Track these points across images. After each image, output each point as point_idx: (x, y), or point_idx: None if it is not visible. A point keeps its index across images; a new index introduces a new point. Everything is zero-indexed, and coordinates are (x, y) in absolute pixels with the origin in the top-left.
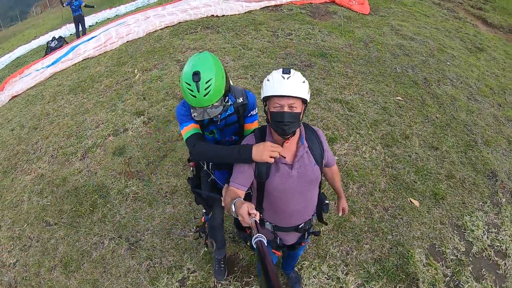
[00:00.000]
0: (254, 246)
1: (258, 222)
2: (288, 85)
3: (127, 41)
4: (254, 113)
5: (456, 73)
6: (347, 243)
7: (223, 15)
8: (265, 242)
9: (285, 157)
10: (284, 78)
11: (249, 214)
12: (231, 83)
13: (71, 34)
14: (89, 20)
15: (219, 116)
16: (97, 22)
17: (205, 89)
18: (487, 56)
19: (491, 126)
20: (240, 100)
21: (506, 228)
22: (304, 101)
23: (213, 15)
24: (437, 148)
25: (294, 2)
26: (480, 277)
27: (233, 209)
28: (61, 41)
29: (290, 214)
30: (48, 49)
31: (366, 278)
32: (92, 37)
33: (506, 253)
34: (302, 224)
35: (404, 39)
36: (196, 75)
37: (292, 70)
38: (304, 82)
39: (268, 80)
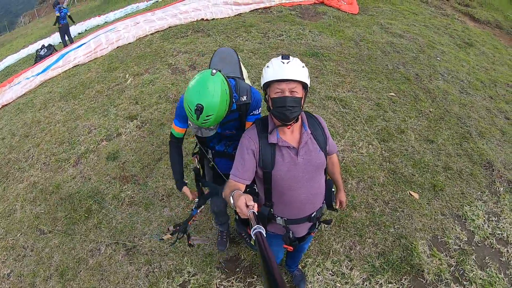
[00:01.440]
0: (253, 238)
1: (256, 213)
2: (288, 69)
3: (117, 47)
4: (257, 112)
5: (447, 68)
6: (349, 238)
7: (213, 19)
8: (264, 233)
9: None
10: (283, 63)
11: (247, 206)
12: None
13: (60, 42)
14: (78, 28)
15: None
16: (86, 30)
17: (204, 119)
18: (476, 51)
19: (484, 118)
20: (244, 98)
21: (506, 216)
22: (304, 86)
23: (203, 19)
24: (432, 141)
25: (283, 4)
26: (484, 265)
27: (232, 202)
28: (51, 49)
29: (301, 204)
30: (38, 57)
31: (371, 272)
32: (82, 44)
33: (508, 240)
34: (314, 213)
35: (394, 37)
36: (198, 110)
37: (291, 56)
38: (303, 67)
39: (267, 67)
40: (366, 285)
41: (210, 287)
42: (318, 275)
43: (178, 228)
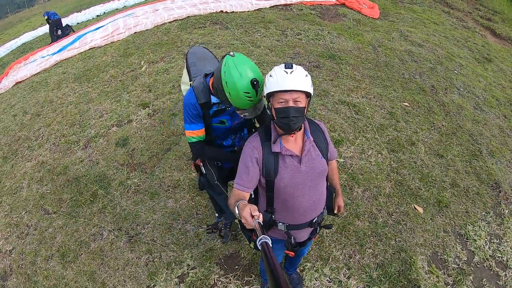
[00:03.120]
0: (260, 248)
1: (262, 223)
2: (291, 80)
3: (135, 32)
4: None
5: (464, 82)
6: (350, 246)
7: (232, 12)
8: (270, 243)
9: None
10: (287, 73)
11: (252, 216)
12: None
13: (78, 23)
14: (97, 10)
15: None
16: (104, 12)
17: (260, 92)
18: (494, 67)
19: (496, 137)
20: None
21: (508, 240)
22: (308, 95)
23: (222, 11)
24: (442, 156)
25: (304, 3)
26: (480, 287)
27: (237, 212)
28: (68, 30)
29: (304, 210)
30: (55, 37)
31: (368, 283)
32: (100, 27)
33: (507, 264)
34: (316, 218)
35: (412, 46)
36: (256, 82)
37: (294, 65)
38: (306, 75)
39: (270, 76)
40: None
41: (208, 282)
42: (316, 280)
43: (210, 226)
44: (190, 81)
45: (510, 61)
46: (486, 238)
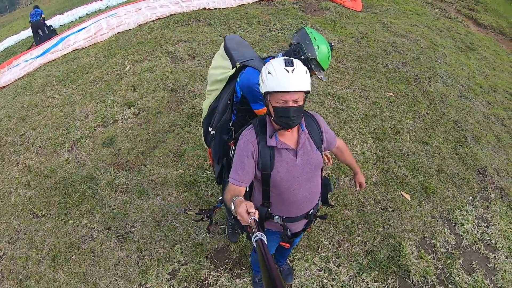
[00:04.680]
0: (255, 245)
1: (257, 220)
2: (293, 80)
3: (118, 33)
4: None
5: (447, 71)
6: (339, 235)
7: (215, 8)
8: (265, 240)
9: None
10: (288, 71)
11: (248, 213)
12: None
13: (60, 25)
14: (79, 11)
15: None
16: (87, 14)
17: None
18: (477, 56)
19: (480, 124)
20: None
21: (496, 223)
22: (306, 92)
23: (205, 8)
24: (427, 143)
25: None
26: (470, 270)
27: (233, 208)
28: (52, 32)
29: (300, 203)
30: (37, 39)
31: (358, 270)
32: (82, 28)
33: (495, 246)
34: (311, 210)
35: (396, 37)
36: (332, 49)
37: (294, 61)
38: (306, 72)
39: (269, 73)
40: (353, 282)
41: (199, 277)
42: (306, 270)
43: (204, 211)
44: (233, 65)
45: (493, 49)
46: (474, 222)
